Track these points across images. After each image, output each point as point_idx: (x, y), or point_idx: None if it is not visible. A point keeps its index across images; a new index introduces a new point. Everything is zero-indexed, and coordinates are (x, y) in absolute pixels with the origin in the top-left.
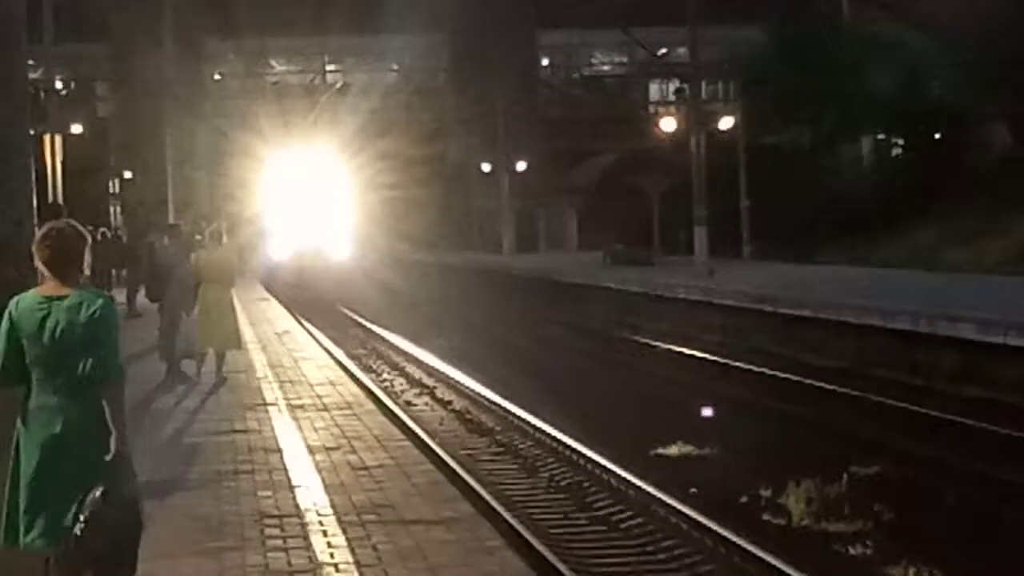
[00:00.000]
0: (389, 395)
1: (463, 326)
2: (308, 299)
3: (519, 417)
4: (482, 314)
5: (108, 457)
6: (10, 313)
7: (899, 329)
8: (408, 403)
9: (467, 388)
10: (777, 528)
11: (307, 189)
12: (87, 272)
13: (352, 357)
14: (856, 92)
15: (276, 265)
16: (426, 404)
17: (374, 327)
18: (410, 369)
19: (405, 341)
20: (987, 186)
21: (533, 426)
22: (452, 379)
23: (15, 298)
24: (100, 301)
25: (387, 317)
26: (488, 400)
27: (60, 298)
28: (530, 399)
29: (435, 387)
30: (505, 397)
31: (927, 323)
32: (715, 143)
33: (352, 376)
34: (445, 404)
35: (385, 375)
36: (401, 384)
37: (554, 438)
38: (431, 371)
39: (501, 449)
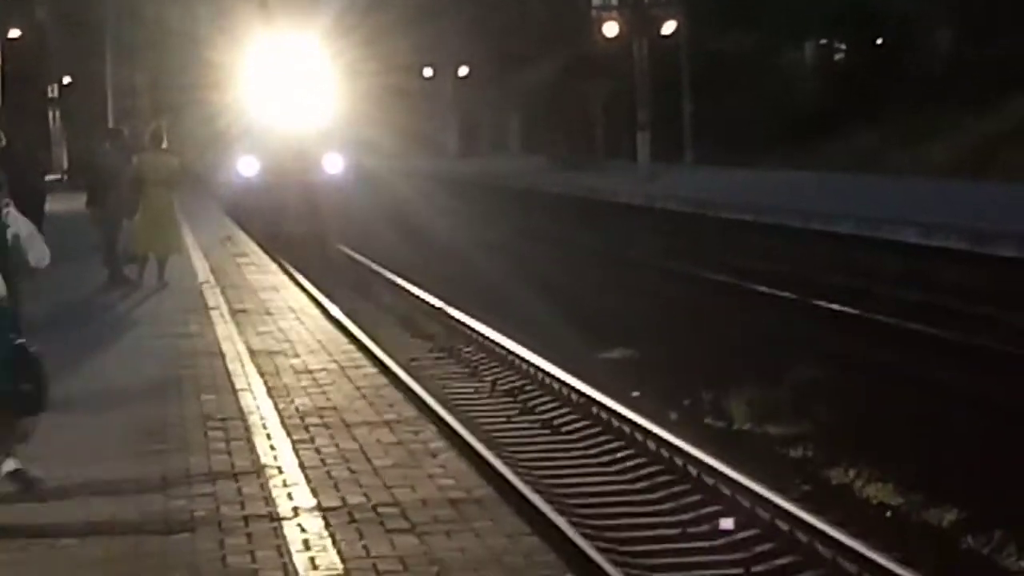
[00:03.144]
0: (333, 301)
1: (404, 231)
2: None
3: (461, 322)
4: (423, 220)
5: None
6: None
7: (842, 233)
8: (353, 309)
9: (411, 293)
10: (718, 431)
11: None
12: None
13: (295, 265)
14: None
15: (246, 182)
16: (368, 310)
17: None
18: (353, 276)
19: (347, 249)
20: (930, 90)
21: (475, 331)
22: (396, 284)
23: None
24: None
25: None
26: (431, 305)
27: None
28: (472, 304)
29: (379, 293)
30: (447, 302)
31: (871, 227)
32: (658, 48)
33: (295, 282)
34: (389, 309)
35: (328, 283)
36: (344, 291)
37: (496, 343)
38: (375, 277)
39: (443, 353)
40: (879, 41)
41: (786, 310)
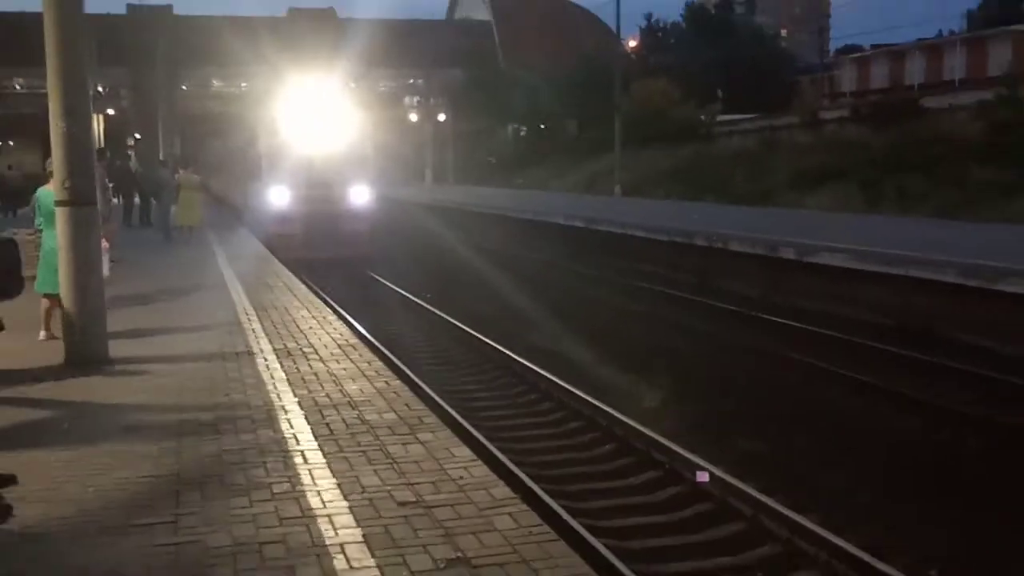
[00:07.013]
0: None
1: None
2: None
3: (342, 264)
4: None
5: None
6: None
7: (518, 218)
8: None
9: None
10: (525, 338)
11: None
12: None
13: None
14: (505, 105)
15: (278, 214)
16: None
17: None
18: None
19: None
20: (568, 149)
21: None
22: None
23: None
24: None
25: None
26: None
27: None
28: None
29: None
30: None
31: (535, 215)
32: (437, 127)
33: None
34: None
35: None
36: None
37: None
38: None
39: (340, 275)
40: (543, 126)
41: (496, 259)
